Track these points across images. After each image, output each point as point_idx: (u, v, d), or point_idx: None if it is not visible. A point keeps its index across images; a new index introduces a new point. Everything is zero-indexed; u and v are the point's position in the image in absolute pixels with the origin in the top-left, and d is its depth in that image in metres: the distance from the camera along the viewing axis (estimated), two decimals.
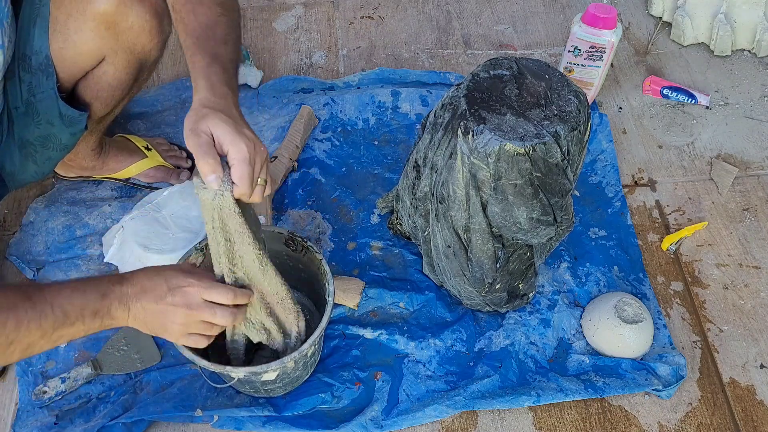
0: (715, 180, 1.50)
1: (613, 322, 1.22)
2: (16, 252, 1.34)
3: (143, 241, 1.20)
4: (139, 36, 1.11)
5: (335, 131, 1.54)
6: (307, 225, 1.40)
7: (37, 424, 1.15)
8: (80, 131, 1.17)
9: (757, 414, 1.21)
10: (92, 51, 1.10)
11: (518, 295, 1.25)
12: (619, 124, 1.59)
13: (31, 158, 1.18)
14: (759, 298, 1.34)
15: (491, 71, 1.06)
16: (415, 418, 1.17)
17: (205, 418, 1.16)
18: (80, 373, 1.19)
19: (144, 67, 1.18)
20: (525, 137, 0.98)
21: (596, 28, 1.44)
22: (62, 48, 1.08)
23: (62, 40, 1.08)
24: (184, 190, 1.25)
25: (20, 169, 1.19)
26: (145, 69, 1.19)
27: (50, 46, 1.07)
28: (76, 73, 1.12)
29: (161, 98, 1.59)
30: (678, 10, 1.72)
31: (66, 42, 1.08)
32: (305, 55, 1.71)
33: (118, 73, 1.14)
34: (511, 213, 1.05)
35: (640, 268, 1.36)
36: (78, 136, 1.19)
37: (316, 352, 1.16)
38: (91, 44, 1.09)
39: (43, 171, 1.22)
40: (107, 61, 1.12)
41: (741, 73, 1.68)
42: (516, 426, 1.19)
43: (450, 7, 1.82)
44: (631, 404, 1.21)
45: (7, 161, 1.18)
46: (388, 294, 1.30)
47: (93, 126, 1.24)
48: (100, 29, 1.07)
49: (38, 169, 1.21)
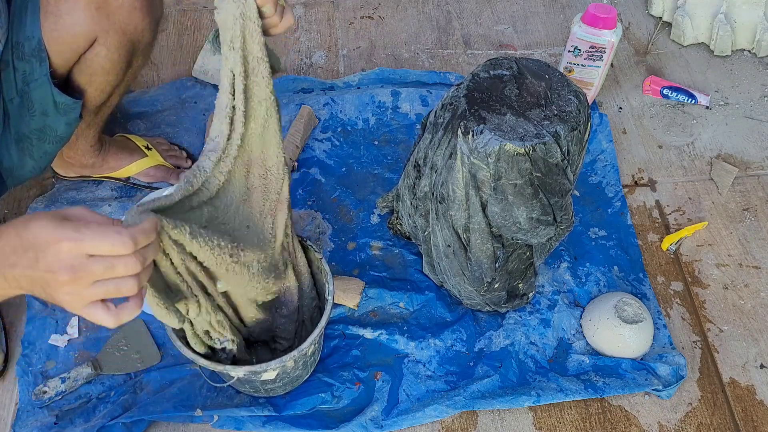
0: (715, 180, 1.50)
1: (613, 322, 1.22)
2: None
3: None
4: (131, 15, 1.11)
5: (335, 131, 1.54)
6: (307, 225, 1.40)
7: (37, 424, 1.15)
8: (75, 120, 1.17)
9: (757, 414, 1.21)
10: (84, 32, 1.10)
11: (518, 294, 1.25)
12: (619, 124, 1.59)
13: (27, 152, 1.18)
14: (759, 298, 1.34)
15: (491, 71, 1.06)
16: (415, 418, 1.17)
17: (205, 418, 1.16)
18: (80, 373, 1.19)
19: (137, 50, 1.18)
20: (525, 137, 0.98)
21: (596, 28, 1.44)
22: (54, 30, 1.08)
23: (54, 21, 1.08)
24: None
25: (18, 164, 1.19)
26: (138, 52, 1.19)
27: (42, 29, 1.08)
28: (69, 56, 1.12)
29: (161, 98, 1.59)
30: (678, 10, 1.72)
31: (57, 23, 1.08)
32: (305, 55, 1.71)
33: (111, 54, 1.14)
34: (510, 213, 1.05)
35: (640, 268, 1.36)
36: (73, 126, 1.19)
37: (315, 352, 1.16)
38: (83, 25, 1.09)
39: (41, 166, 1.22)
40: (99, 42, 1.12)
41: (741, 73, 1.69)
42: (516, 426, 1.19)
43: (450, 7, 1.82)
44: (631, 404, 1.21)
45: (5, 157, 1.18)
46: (388, 294, 1.30)
47: (90, 118, 1.24)
48: (90, 9, 1.08)
49: (35, 164, 1.21)
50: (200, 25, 1.76)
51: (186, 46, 1.71)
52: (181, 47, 1.71)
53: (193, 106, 1.57)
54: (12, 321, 1.28)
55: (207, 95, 1.59)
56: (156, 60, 1.68)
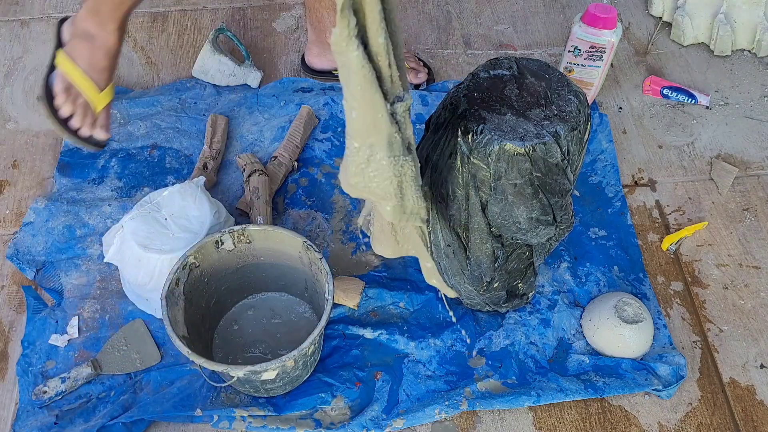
0: (715, 180, 1.50)
1: (613, 322, 1.22)
2: (16, 252, 1.34)
3: (143, 240, 1.20)
4: None
5: (335, 131, 1.54)
6: (307, 225, 1.40)
7: (37, 424, 1.15)
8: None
9: (757, 414, 1.21)
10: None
11: (518, 294, 1.25)
12: (619, 124, 1.59)
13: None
14: (759, 298, 1.34)
15: (491, 71, 1.06)
16: (415, 418, 1.17)
17: (205, 418, 1.16)
18: (80, 373, 1.19)
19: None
20: (525, 137, 0.98)
21: (596, 28, 1.44)
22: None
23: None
24: (184, 189, 1.26)
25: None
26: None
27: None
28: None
29: (161, 98, 1.59)
30: (678, 10, 1.72)
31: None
32: None
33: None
34: (510, 213, 1.05)
35: (640, 268, 1.36)
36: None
37: (315, 352, 1.16)
38: None
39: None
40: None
41: (741, 73, 1.69)
42: (516, 426, 1.19)
43: (450, 7, 1.82)
44: (631, 404, 1.21)
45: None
46: (388, 294, 1.30)
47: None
48: None
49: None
50: (200, 25, 1.76)
51: (186, 46, 1.71)
52: (181, 47, 1.71)
53: (193, 107, 1.57)
54: (12, 321, 1.28)
55: (207, 96, 1.59)
56: (156, 60, 1.69)
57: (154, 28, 1.75)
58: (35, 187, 1.46)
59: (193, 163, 1.48)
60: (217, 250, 1.17)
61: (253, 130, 1.54)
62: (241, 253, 1.19)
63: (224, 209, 1.31)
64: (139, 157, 1.49)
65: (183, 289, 1.13)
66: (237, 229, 1.16)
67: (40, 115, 1.31)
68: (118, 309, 1.28)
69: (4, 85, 1.64)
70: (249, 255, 1.20)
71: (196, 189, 1.26)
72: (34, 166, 1.49)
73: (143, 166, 1.48)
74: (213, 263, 1.18)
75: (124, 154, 1.49)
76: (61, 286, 1.31)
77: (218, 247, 1.16)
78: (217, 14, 1.79)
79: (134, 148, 1.51)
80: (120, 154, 1.49)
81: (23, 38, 1.72)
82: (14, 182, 1.47)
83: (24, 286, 1.31)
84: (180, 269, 1.12)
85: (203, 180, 1.32)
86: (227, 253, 1.18)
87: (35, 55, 1.69)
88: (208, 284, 1.19)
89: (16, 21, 1.76)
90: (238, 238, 1.17)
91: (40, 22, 1.76)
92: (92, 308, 1.28)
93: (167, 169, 1.47)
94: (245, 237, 1.17)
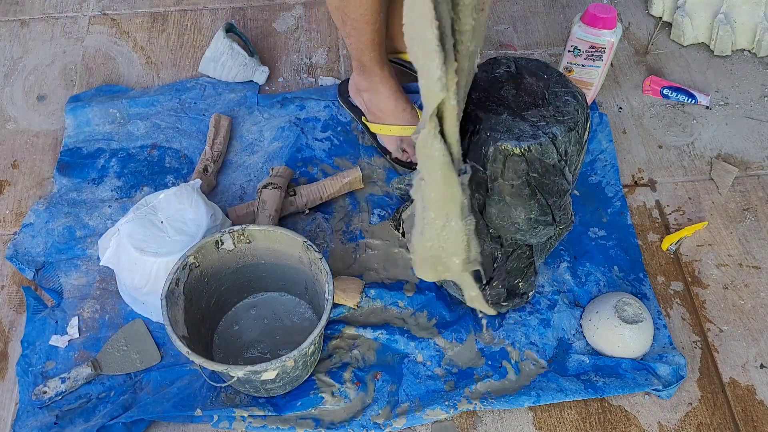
0: (715, 180, 1.50)
1: (613, 322, 1.22)
2: (15, 253, 1.34)
3: (139, 243, 1.20)
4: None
5: (335, 130, 1.54)
6: (307, 225, 1.40)
7: (37, 424, 1.16)
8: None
9: (757, 414, 1.21)
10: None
11: (518, 293, 1.25)
12: (619, 124, 1.59)
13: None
14: (759, 298, 1.34)
15: (490, 71, 1.06)
16: (415, 418, 1.17)
17: (205, 418, 1.16)
18: (80, 373, 1.19)
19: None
20: (521, 138, 0.98)
21: (596, 28, 1.44)
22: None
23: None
24: (180, 192, 1.25)
25: None
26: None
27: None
28: None
29: (161, 98, 1.59)
30: (678, 10, 1.72)
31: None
32: (305, 55, 1.71)
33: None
34: (508, 214, 1.05)
35: (640, 268, 1.36)
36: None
37: (315, 352, 1.16)
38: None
39: None
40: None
41: (741, 73, 1.68)
42: (516, 426, 1.19)
43: None
44: (631, 404, 1.21)
45: None
46: (388, 294, 1.30)
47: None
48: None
49: None
50: (200, 25, 1.76)
51: (186, 46, 1.71)
52: (181, 47, 1.72)
53: (192, 107, 1.57)
54: (12, 321, 1.28)
55: (207, 96, 1.59)
56: (156, 60, 1.69)
57: (154, 28, 1.75)
58: (35, 187, 1.46)
59: (193, 162, 1.48)
60: (217, 250, 1.17)
61: (252, 130, 1.54)
62: (241, 253, 1.19)
63: (221, 212, 1.31)
64: (139, 156, 1.49)
65: (183, 289, 1.13)
66: (237, 229, 1.16)
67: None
68: (118, 309, 1.28)
69: (4, 85, 1.64)
70: (249, 255, 1.20)
71: (192, 192, 1.26)
72: (34, 166, 1.50)
73: (143, 166, 1.48)
74: (213, 263, 1.18)
75: (123, 153, 1.50)
76: (60, 286, 1.31)
77: (218, 247, 1.16)
78: (217, 14, 1.79)
79: (134, 147, 1.51)
80: (120, 153, 1.50)
81: (23, 38, 1.72)
82: (14, 182, 1.47)
83: (24, 286, 1.31)
84: (180, 269, 1.12)
85: (200, 182, 1.31)
86: (227, 253, 1.18)
87: (35, 55, 1.69)
88: (208, 284, 1.19)
89: (16, 21, 1.76)
90: (238, 238, 1.17)
91: (40, 22, 1.76)
92: (92, 308, 1.28)
93: (167, 169, 1.47)
94: (245, 237, 1.17)
